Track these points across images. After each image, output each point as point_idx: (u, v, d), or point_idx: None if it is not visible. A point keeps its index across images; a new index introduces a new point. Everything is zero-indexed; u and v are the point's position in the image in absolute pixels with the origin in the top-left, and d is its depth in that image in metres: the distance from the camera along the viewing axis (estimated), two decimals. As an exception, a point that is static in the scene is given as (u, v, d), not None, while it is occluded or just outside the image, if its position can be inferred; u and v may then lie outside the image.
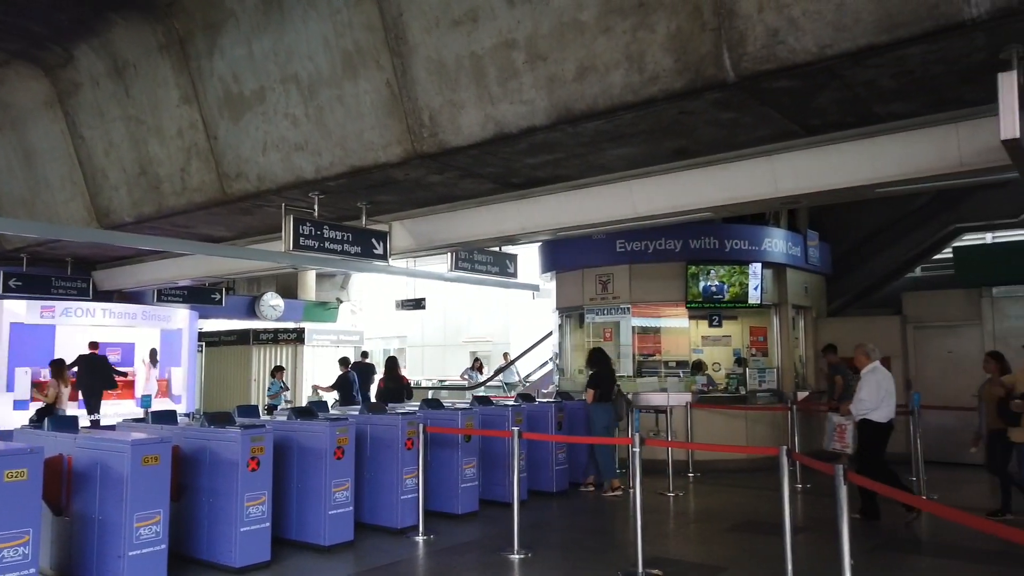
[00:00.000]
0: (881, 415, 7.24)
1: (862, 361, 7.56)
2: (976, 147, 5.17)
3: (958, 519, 3.72)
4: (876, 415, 7.23)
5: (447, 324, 24.79)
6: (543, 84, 5.39)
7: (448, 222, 8.16)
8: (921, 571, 5.96)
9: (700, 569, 5.81)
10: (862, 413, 7.30)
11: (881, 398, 7.25)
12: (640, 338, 11.67)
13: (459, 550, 6.42)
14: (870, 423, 7.25)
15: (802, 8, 4.31)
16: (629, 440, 5.92)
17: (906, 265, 12.88)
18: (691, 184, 6.69)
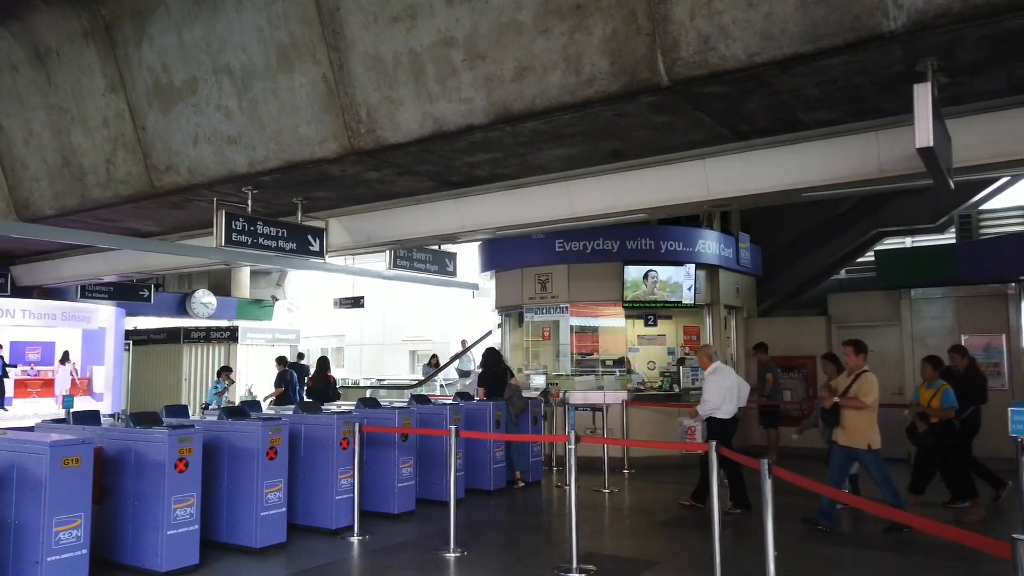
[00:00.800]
0: (725, 412, 7.68)
1: (705, 363, 7.97)
2: (894, 155, 5.42)
3: (875, 511, 3.89)
4: (721, 413, 7.66)
5: (386, 323, 24.55)
6: (482, 83, 5.40)
7: (386, 219, 8.10)
8: (841, 561, 6.20)
9: (632, 564, 5.92)
10: (708, 412, 7.71)
11: (723, 397, 7.63)
12: (578, 337, 11.82)
13: (394, 550, 6.38)
14: (716, 420, 7.67)
15: (732, 16, 4.45)
16: (565, 438, 5.99)
17: (831, 267, 13.39)
18: (627, 185, 6.81)
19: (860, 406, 6.74)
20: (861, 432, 6.78)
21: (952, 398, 7.27)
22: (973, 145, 5.19)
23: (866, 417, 6.78)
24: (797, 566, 5.80)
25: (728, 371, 8.02)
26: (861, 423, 6.78)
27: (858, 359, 6.99)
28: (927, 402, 7.37)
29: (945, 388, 7.29)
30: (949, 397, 7.26)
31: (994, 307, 10.42)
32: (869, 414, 6.78)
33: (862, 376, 6.87)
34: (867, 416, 6.77)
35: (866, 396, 6.72)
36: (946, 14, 3.93)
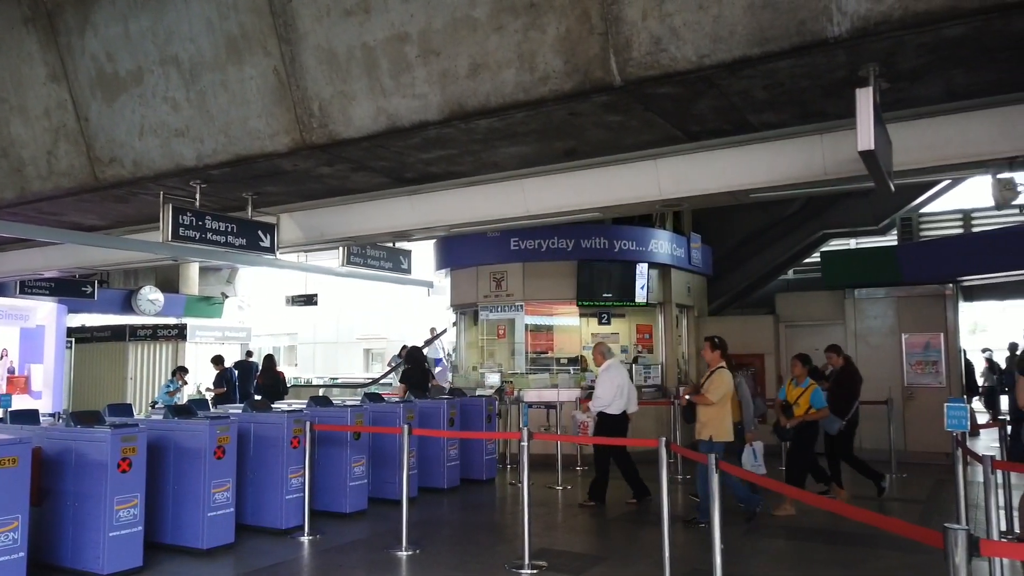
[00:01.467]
0: (615, 408, 7.86)
1: (599, 360, 8.17)
2: (838, 157, 5.57)
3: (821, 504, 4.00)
4: (611, 409, 7.84)
5: (340, 321, 24.30)
6: (436, 79, 5.38)
7: (340, 216, 8.01)
8: (786, 553, 6.36)
9: (583, 559, 5.98)
10: (599, 408, 7.90)
11: (614, 394, 7.81)
12: (533, 335, 11.87)
13: (346, 549, 6.32)
14: (607, 416, 7.85)
15: (683, 19, 4.51)
16: (518, 435, 6.01)
17: (779, 268, 13.71)
18: (580, 184, 6.86)
19: (705, 402, 6.92)
20: (706, 425, 6.93)
21: (821, 398, 7.43)
22: (912, 149, 5.36)
23: (713, 411, 6.91)
24: (743, 559, 5.93)
25: (621, 369, 8.21)
26: (708, 416, 6.94)
27: (714, 355, 7.17)
28: (794, 399, 7.52)
29: (814, 387, 7.43)
30: (818, 397, 7.41)
31: (933, 307, 10.80)
32: (718, 408, 6.91)
33: (715, 373, 7.04)
34: (715, 410, 6.91)
35: (711, 393, 6.89)
36: (887, 21, 4.05)
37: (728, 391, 6.96)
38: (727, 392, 6.94)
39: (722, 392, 6.91)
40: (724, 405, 6.95)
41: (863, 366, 11.07)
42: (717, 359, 7.13)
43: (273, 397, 10.72)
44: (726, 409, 6.97)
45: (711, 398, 6.88)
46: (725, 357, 7.23)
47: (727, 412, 6.99)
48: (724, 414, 6.96)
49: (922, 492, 8.63)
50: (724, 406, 6.95)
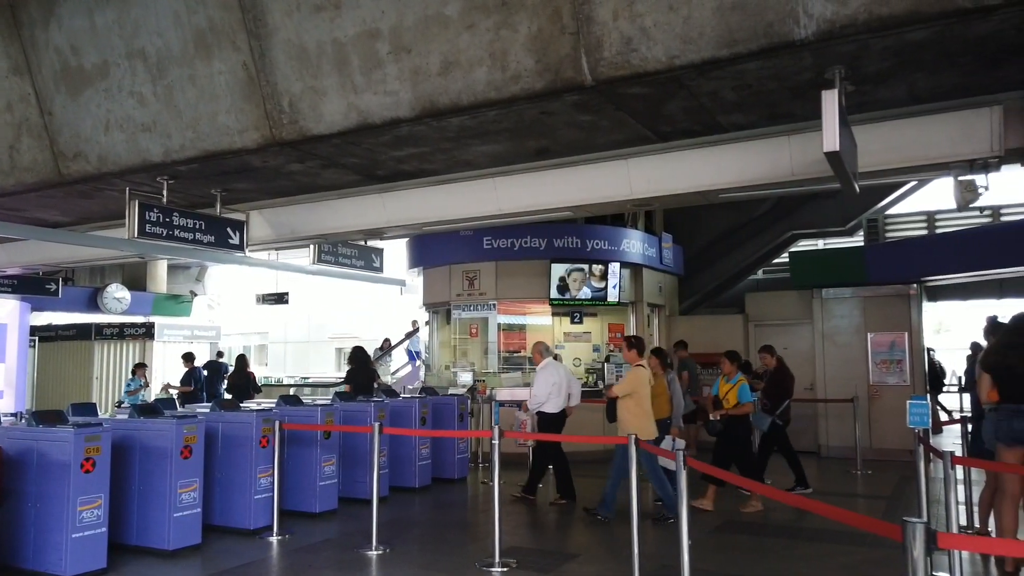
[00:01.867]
0: (552, 407, 7.95)
1: (537, 359, 8.27)
2: (806, 159, 5.65)
3: (787, 500, 4.05)
4: (548, 407, 7.94)
5: (311, 320, 24.09)
6: (407, 76, 5.36)
7: (310, 213, 7.95)
8: (753, 549, 6.44)
9: (554, 556, 6.00)
10: (535, 406, 8.01)
11: (549, 392, 7.90)
12: (506, 335, 11.87)
13: (315, 549, 6.27)
14: (544, 414, 7.97)
15: (653, 19, 4.55)
16: (489, 433, 6.01)
17: (749, 268, 13.87)
18: (553, 183, 6.88)
19: (612, 395, 7.10)
20: (625, 423, 7.01)
21: (747, 393, 7.55)
22: (877, 151, 5.46)
23: (632, 409, 7.01)
24: (711, 554, 5.99)
25: (558, 367, 8.28)
26: (626, 415, 7.04)
27: (631, 354, 7.31)
28: (724, 395, 7.66)
29: (742, 383, 7.56)
30: (745, 392, 7.54)
31: (897, 307, 11.00)
32: (634, 406, 7.01)
33: (631, 370, 7.18)
34: (633, 408, 7.00)
35: (618, 388, 7.06)
36: (852, 24, 4.12)
37: (638, 388, 7.03)
38: (637, 389, 7.02)
39: (629, 388, 7.00)
40: (641, 403, 7.03)
41: (830, 365, 11.32)
42: (635, 358, 7.27)
43: (243, 397, 10.62)
44: (644, 407, 7.06)
45: (616, 392, 7.05)
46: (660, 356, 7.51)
47: (645, 410, 7.08)
48: (642, 412, 7.04)
49: (887, 488, 8.79)
50: (641, 404, 7.03)
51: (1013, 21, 4.04)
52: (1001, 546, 4.72)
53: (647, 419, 7.08)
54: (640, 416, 7.02)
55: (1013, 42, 4.31)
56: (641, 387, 7.09)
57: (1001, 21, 4.05)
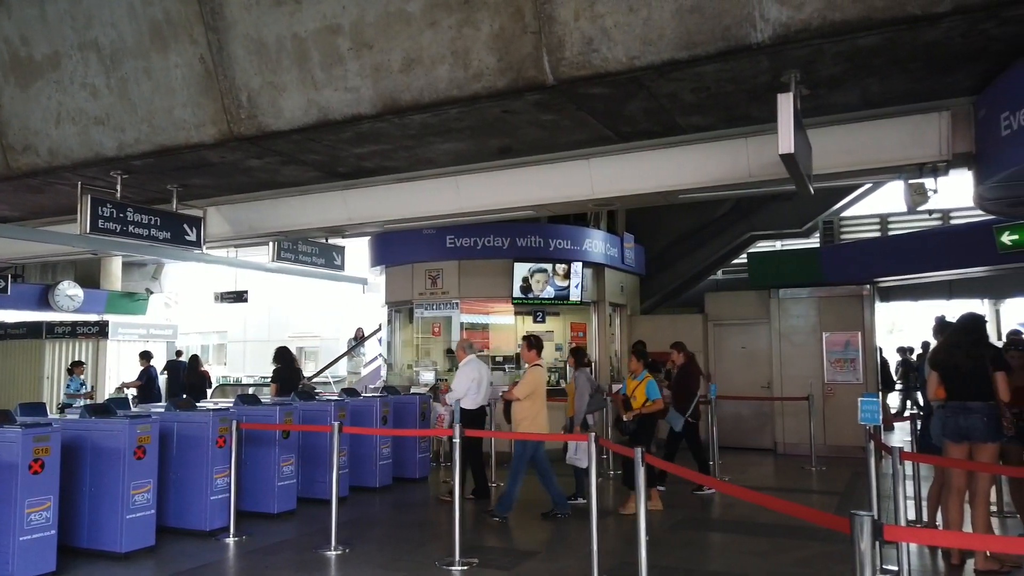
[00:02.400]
0: (471, 403, 7.97)
1: (460, 355, 8.30)
2: (762, 160, 5.76)
3: (746, 497, 4.11)
4: (466, 402, 7.96)
5: (271, 318, 23.76)
6: (369, 73, 5.33)
7: (270, 210, 7.85)
8: (710, 544, 6.54)
9: (514, 554, 6.01)
10: (452, 400, 8.03)
11: (468, 388, 7.92)
12: (469, 334, 11.84)
13: (272, 550, 6.19)
14: (463, 410, 7.98)
15: (614, 20, 4.59)
16: (450, 431, 6.00)
17: (709, 268, 14.07)
18: (515, 182, 6.90)
19: (511, 398, 7.08)
20: (520, 423, 7.02)
21: (655, 390, 7.49)
22: (830, 154, 5.58)
23: (526, 408, 7.00)
24: (669, 550, 6.07)
25: (479, 364, 8.27)
26: (522, 415, 7.04)
27: (531, 354, 7.30)
28: (632, 392, 7.64)
29: (648, 380, 7.52)
30: (652, 388, 7.50)
31: (851, 307, 11.25)
32: (530, 406, 7.01)
33: (528, 370, 7.18)
34: (528, 407, 7.00)
35: (519, 390, 7.03)
36: (806, 29, 4.21)
37: (537, 388, 7.00)
38: (536, 389, 6.99)
39: (530, 389, 6.97)
40: (536, 402, 7.00)
41: (787, 364, 11.53)
42: (533, 357, 7.24)
43: (198, 396, 10.46)
44: (538, 406, 7.03)
45: (517, 394, 7.00)
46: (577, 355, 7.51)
47: (540, 409, 7.05)
48: (537, 411, 7.01)
49: (840, 484, 8.99)
50: (536, 403, 7.00)
51: (959, 29, 4.17)
52: (944, 538, 4.88)
53: (542, 420, 7.05)
54: (535, 416, 6.96)
55: (959, 49, 4.46)
56: (539, 387, 7.04)
57: (948, 29, 4.18)
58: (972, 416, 5.25)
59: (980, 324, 5.57)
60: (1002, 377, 5.20)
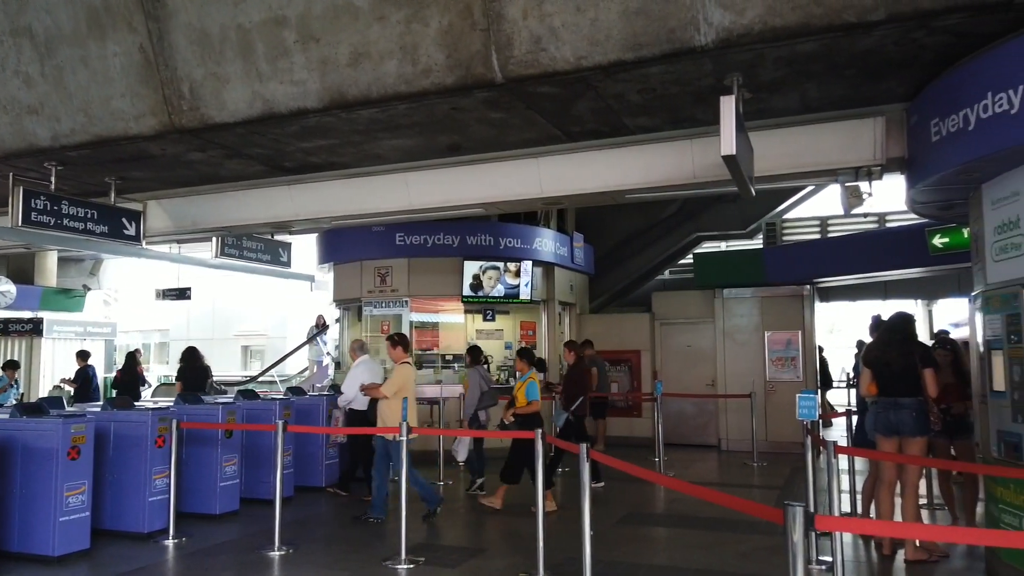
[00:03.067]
0: (361, 404, 7.89)
1: (353, 356, 8.30)
2: (707, 162, 5.88)
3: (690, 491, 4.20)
4: (356, 404, 7.95)
5: (216, 316, 23.23)
6: (315, 66, 5.26)
7: (213, 204, 7.68)
8: (654, 539, 6.65)
9: (461, 552, 6.01)
10: (344, 403, 8.01)
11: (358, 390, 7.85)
12: (419, 332, 11.79)
13: (213, 551, 6.07)
14: (354, 411, 8.01)
15: (562, 20, 4.63)
16: (397, 430, 5.97)
17: (657, 268, 14.28)
18: (464, 180, 6.90)
19: (378, 395, 7.03)
20: (384, 422, 6.96)
21: (534, 391, 7.44)
22: (771, 156, 5.74)
23: (391, 407, 6.93)
24: (614, 544, 6.15)
25: (371, 365, 8.25)
26: (386, 413, 6.98)
27: (397, 351, 7.20)
28: (515, 393, 7.65)
29: (531, 381, 7.49)
30: (532, 389, 7.46)
31: (792, 306, 11.57)
32: (396, 404, 6.86)
33: (396, 368, 7.12)
34: (393, 406, 6.90)
35: (386, 387, 6.97)
36: (748, 34, 4.32)
37: (405, 386, 6.93)
38: (404, 387, 6.92)
39: (397, 387, 6.90)
40: (398, 401, 6.84)
41: (731, 362, 11.78)
42: (401, 355, 7.15)
43: (134, 395, 10.23)
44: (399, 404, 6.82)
45: (385, 392, 6.92)
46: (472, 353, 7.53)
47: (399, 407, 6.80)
48: (397, 409, 6.81)
49: (780, 479, 9.23)
50: (398, 402, 6.83)
51: (892, 37, 4.33)
52: (873, 527, 5.06)
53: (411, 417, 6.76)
54: (396, 414, 6.76)
55: (893, 57, 4.62)
56: (407, 385, 6.96)
57: (882, 36, 4.33)
58: (902, 411, 5.45)
59: (909, 323, 5.79)
60: (930, 374, 5.42)
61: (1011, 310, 4.73)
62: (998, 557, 5.06)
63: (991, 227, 5.02)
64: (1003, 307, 4.84)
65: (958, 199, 5.53)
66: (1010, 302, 4.74)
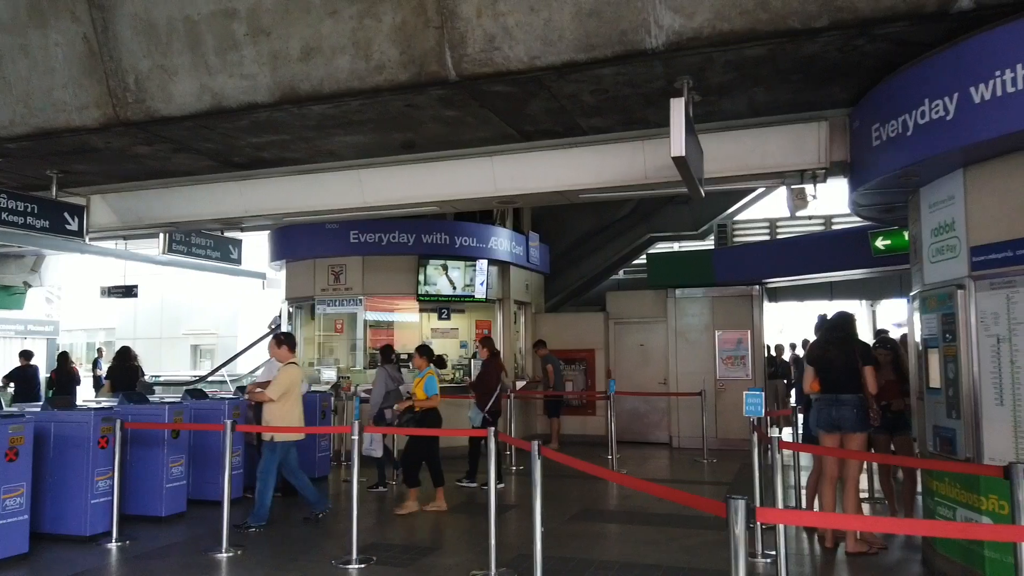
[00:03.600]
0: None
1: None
2: (658, 163, 5.97)
3: (640, 488, 4.26)
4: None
5: (164, 314, 22.69)
6: (266, 60, 5.19)
7: (160, 199, 7.51)
8: (605, 535, 6.72)
9: (413, 551, 5.99)
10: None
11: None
12: (373, 331, 11.70)
13: (158, 554, 5.93)
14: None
15: (516, 19, 4.66)
16: (349, 428, 5.92)
17: (611, 268, 14.44)
18: (418, 177, 6.88)
19: (263, 399, 6.72)
20: (271, 424, 6.73)
21: (432, 386, 7.42)
22: (720, 159, 5.85)
23: (277, 410, 6.69)
24: (565, 540, 6.20)
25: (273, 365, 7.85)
26: (272, 416, 6.72)
27: (281, 351, 6.94)
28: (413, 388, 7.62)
29: (428, 376, 7.46)
30: (430, 385, 7.44)
31: (742, 306, 11.81)
32: (279, 407, 6.67)
33: (281, 370, 6.87)
34: (279, 409, 6.71)
35: (272, 390, 6.67)
36: (697, 37, 4.40)
37: (291, 388, 6.71)
38: (290, 389, 6.70)
39: (283, 389, 6.65)
40: (288, 402, 6.70)
41: (682, 361, 11.97)
42: (286, 355, 6.90)
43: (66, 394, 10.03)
44: (290, 406, 6.74)
45: (271, 395, 6.64)
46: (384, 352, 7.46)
47: (292, 408, 6.76)
48: (289, 410, 6.73)
49: (729, 475, 9.41)
50: (288, 403, 6.70)
51: (836, 44, 4.46)
52: (811, 518, 5.21)
53: (295, 419, 6.78)
54: (286, 416, 6.68)
55: (836, 63, 4.76)
56: (293, 387, 6.74)
57: (826, 43, 4.46)
58: (843, 408, 5.62)
59: (850, 322, 5.97)
60: (870, 371, 5.60)
61: (946, 310, 4.92)
62: (934, 548, 5.25)
63: (928, 230, 5.21)
64: (939, 307, 5.03)
65: (898, 202, 5.73)
66: (945, 302, 4.93)
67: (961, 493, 4.82)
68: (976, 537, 4.49)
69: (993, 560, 4.48)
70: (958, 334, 4.76)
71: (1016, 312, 4.40)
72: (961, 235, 4.79)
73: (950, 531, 3.42)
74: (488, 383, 8.49)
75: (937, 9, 4.03)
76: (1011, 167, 4.42)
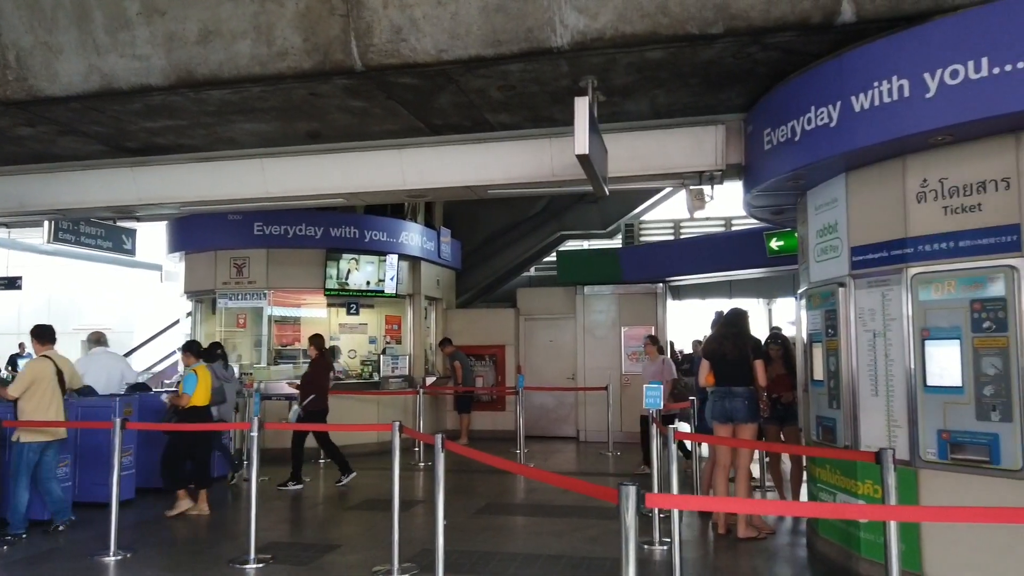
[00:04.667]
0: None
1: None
2: (564, 161, 6.07)
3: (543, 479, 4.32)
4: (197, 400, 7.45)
5: (52, 308, 21.33)
6: (161, 41, 4.97)
7: (44, 184, 7.08)
8: (509, 528, 6.79)
9: (314, 549, 5.88)
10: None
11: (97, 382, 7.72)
12: (279, 327, 11.39)
13: (39, 560, 5.60)
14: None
15: (423, 11, 4.63)
16: (248, 425, 5.75)
17: (522, 265, 14.57)
18: (324, 169, 6.75)
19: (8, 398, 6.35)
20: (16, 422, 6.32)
21: (190, 384, 7.21)
22: (624, 159, 6.01)
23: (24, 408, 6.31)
24: (470, 535, 6.23)
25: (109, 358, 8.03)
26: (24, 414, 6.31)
27: (34, 344, 6.62)
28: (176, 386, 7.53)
29: (188, 374, 7.24)
30: (189, 383, 7.17)
31: (647, 303, 12.16)
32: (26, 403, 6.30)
33: (28, 364, 6.56)
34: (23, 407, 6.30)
35: (13, 388, 6.35)
36: (601, 38, 4.50)
37: (37, 383, 6.30)
38: (35, 384, 6.31)
39: (25, 386, 6.28)
40: (41, 396, 6.33)
41: (590, 356, 12.22)
42: (39, 349, 6.58)
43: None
44: (47, 401, 6.38)
45: (12, 393, 6.27)
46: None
47: (51, 403, 6.41)
48: (47, 406, 6.36)
49: (632, 467, 9.67)
50: (41, 397, 6.34)
51: (731, 50, 4.66)
52: (699, 503, 5.44)
53: (54, 413, 6.42)
54: (44, 412, 6.34)
55: (731, 69, 4.97)
56: (40, 381, 6.34)
57: (722, 49, 4.64)
58: (735, 400, 5.88)
59: (743, 318, 6.25)
60: (760, 365, 5.88)
61: (829, 306, 5.22)
62: (816, 532, 5.56)
63: (814, 231, 5.51)
64: (823, 303, 5.33)
65: (788, 204, 6.03)
66: (829, 299, 5.23)
67: (840, 479, 5.13)
68: (849, 517, 4.81)
69: (867, 541, 4.79)
70: (839, 329, 5.06)
71: (890, 309, 4.72)
72: (843, 236, 5.09)
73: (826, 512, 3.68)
74: (315, 381, 8.41)
75: (822, 21, 4.27)
76: (887, 173, 4.73)
